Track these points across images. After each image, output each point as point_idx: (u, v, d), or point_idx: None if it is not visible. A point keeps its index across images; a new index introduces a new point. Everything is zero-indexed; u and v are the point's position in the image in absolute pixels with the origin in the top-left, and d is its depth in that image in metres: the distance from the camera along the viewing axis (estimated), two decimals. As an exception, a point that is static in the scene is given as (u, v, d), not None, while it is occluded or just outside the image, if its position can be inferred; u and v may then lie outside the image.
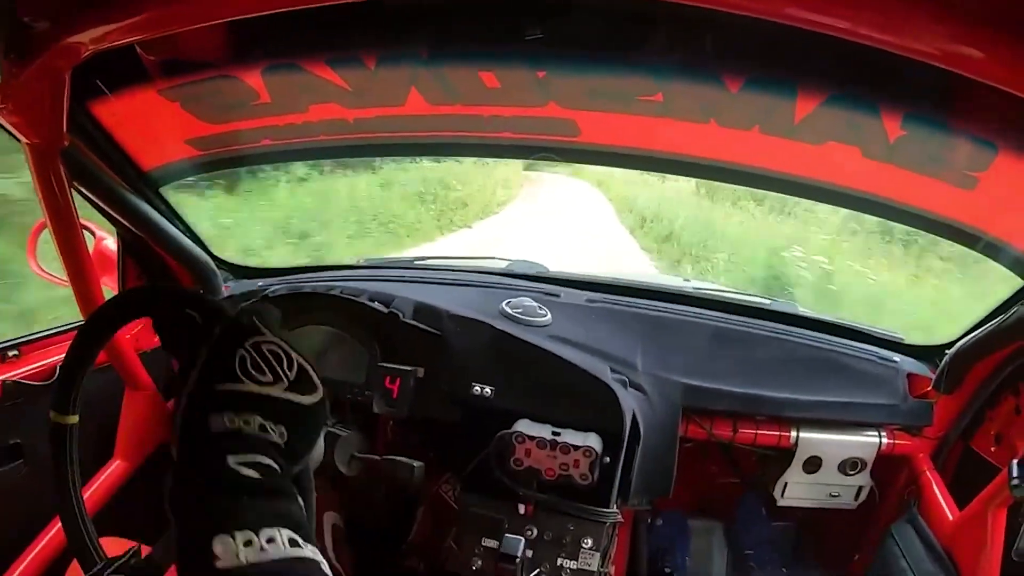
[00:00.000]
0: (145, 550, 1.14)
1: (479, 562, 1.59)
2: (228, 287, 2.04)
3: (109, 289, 1.74)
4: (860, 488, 1.91)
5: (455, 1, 1.36)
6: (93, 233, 1.85)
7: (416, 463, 1.56)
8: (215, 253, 2.01)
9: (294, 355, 0.83)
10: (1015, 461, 1.43)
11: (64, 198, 1.39)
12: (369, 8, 1.21)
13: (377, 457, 1.59)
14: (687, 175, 1.73)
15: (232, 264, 2.11)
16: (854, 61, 1.13)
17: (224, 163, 1.89)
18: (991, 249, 1.60)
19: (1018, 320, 1.51)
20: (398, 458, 1.57)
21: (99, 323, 1.12)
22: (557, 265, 2.32)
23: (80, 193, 1.54)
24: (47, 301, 3.78)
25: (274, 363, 0.81)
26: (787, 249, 9.25)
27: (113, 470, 1.77)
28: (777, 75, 1.35)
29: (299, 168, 8.62)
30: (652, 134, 1.58)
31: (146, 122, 1.64)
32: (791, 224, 10.78)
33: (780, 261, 9.08)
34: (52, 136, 1.28)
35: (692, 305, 2.06)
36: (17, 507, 1.57)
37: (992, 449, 1.75)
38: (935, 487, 1.81)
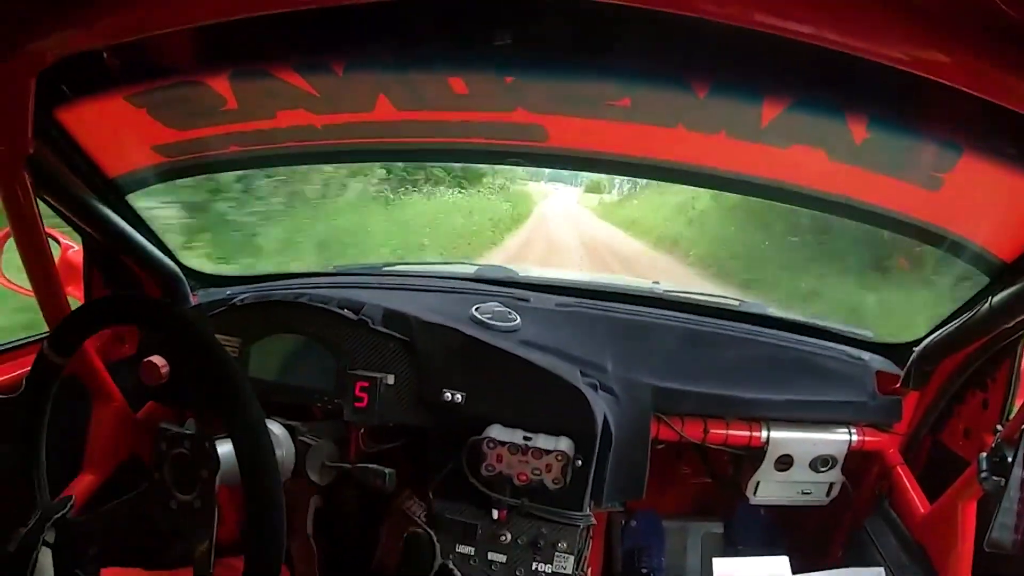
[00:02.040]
0: None
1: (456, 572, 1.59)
2: (196, 296, 2.01)
3: (76, 299, 1.72)
4: (832, 484, 1.93)
5: (423, 7, 1.35)
6: (59, 242, 1.83)
7: (388, 470, 1.56)
8: (183, 261, 1.98)
9: None
10: (983, 454, 1.45)
11: (29, 207, 1.37)
12: (338, 13, 1.20)
13: (349, 465, 1.58)
14: (654, 179, 1.74)
15: (200, 272, 2.08)
16: (820, 65, 1.13)
17: (191, 170, 1.87)
18: (955, 248, 1.62)
19: (984, 317, 1.53)
20: (370, 466, 1.57)
21: (66, 333, 1.11)
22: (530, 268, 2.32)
23: (45, 201, 1.52)
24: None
25: None
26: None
27: (81, 483, 1.74)
28: (744, 80, 1.36)
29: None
30: (620, 139, 1.59)
31: (112, 128, 1.61)
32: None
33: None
34: (17, 143, 1.26)
35: (662, 308, 2.06)
36: None
37: (961, 443, 1.78)
38: (906, 481, 1.83)
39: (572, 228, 16.86)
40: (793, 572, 1.74)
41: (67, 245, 1.86)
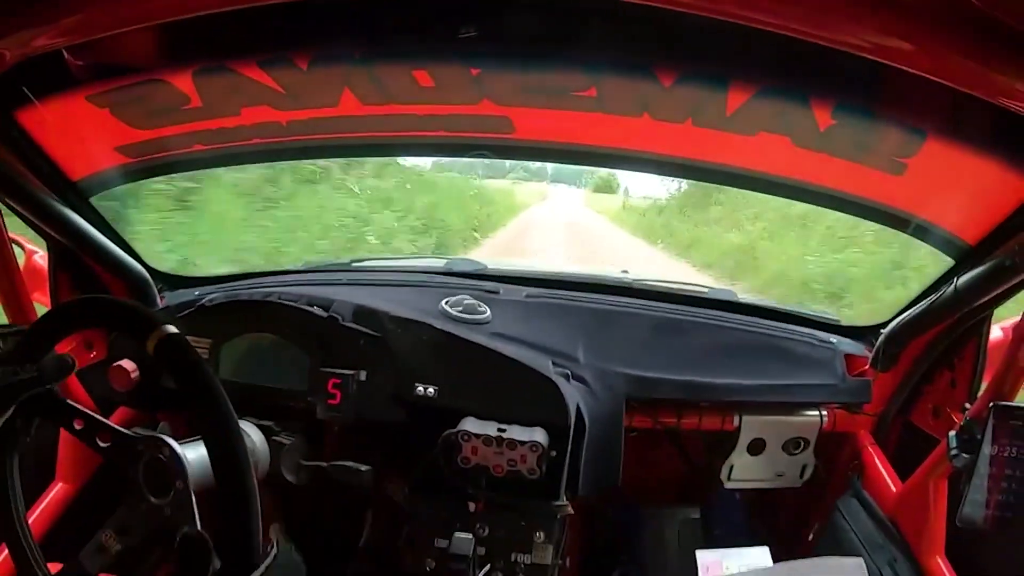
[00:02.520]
0: None
1: (432, 563, 1.59)
2: (164, 298, 1.99)
3: (42, 305, 1.69)
4: (805, 466, 1.96)
5: (387, 0, 1.35)
6: (23, 247, 1.80)
7: (364, 467, 1.56)
8: (148, 263, 1.96)
9: None
10: (952, 432, 1.48)
11: None
12: (301, 8, 1.19)
13: (324, 464, 1.58)
14: (621, 169, 1.75)
15: (167, 274, 2.05)
16: (786, 53, 1.15)
17: (155, 170, 1.83)
18: (921, 231, 1.65)
19: (950, 298, 1.55)
20: (346, 463, 1.57)
21: (34, 339, 1.10)
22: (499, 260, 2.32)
23: (7, 206, 1.50)
24: None
25: None
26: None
27: (55, 493, 1.73)
28: (709, 68, 1.36)
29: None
30: (587, 129, 1.59)
31: (74, 130, 1.58)
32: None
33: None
34: None
35: (632, 296, 2.07)
36: None
37: (931, 422, 1.81)
38: (877, 461, 1.87)
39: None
40: (771, 553, 1.76)
41: (31, 250, 1.83)
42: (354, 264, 2.30)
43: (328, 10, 1.31)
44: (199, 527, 1.02)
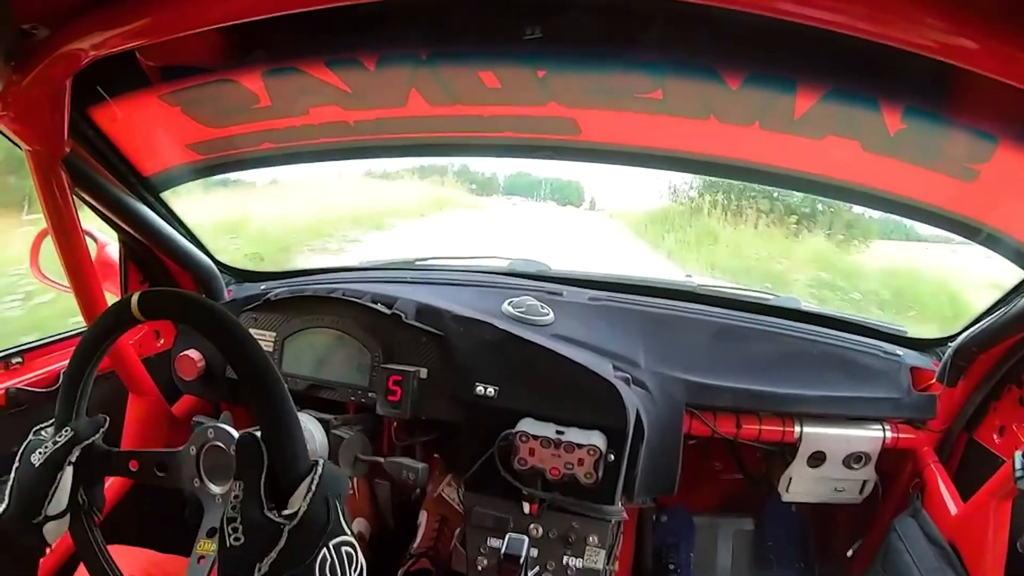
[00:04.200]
0: None
1: (484, 562, 1.59)
2: (231, 291, 2.04)
3: (112, 295, 1.74)
4: (865, 482, 1.91)
5: (453, 1, 1.36)
6: (95, 239, 1.85)
7: (420, 464, 1.56)
8: (217, 257, 2.01)
9: (359, 558, 0.92)
10: (1019, 452, 1.42)
11: (66, 205, 1.40)
12: (368, 9, 1.21)
13: (381, 459, 1.59)
14: (687, 172, 1.74)
15: (234, 268, 2.11)
16: (853, 55, 1.14)
17: (225, 167, 1.89)
18: (992, 241, 1.60)
19: (1020, 312, 1.51)
20: (402, 460, 1.57)
21: (103, 328, 1.12)
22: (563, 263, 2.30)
23: (82, 199, 1.55)
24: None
25: (347, 567, 0.90)
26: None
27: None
28: (776, 70, 1.35)
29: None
30: (652, 131, 1.58)
31: (147, 127, 1.64)
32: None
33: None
34: (53, 143, 1.28)
35: (694, 302, 2.05)
36: None
37: (996, 441, 1.75)
38: (939, 480, 1.81)
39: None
40: (823, 570, 1.73)
41: (103, 242, 1.89)
42: (418, 263, 2.32)
43: (395, 11, 1.32)
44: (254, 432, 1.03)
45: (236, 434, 1.13)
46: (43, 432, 1.13)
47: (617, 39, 1.36)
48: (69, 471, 1.08)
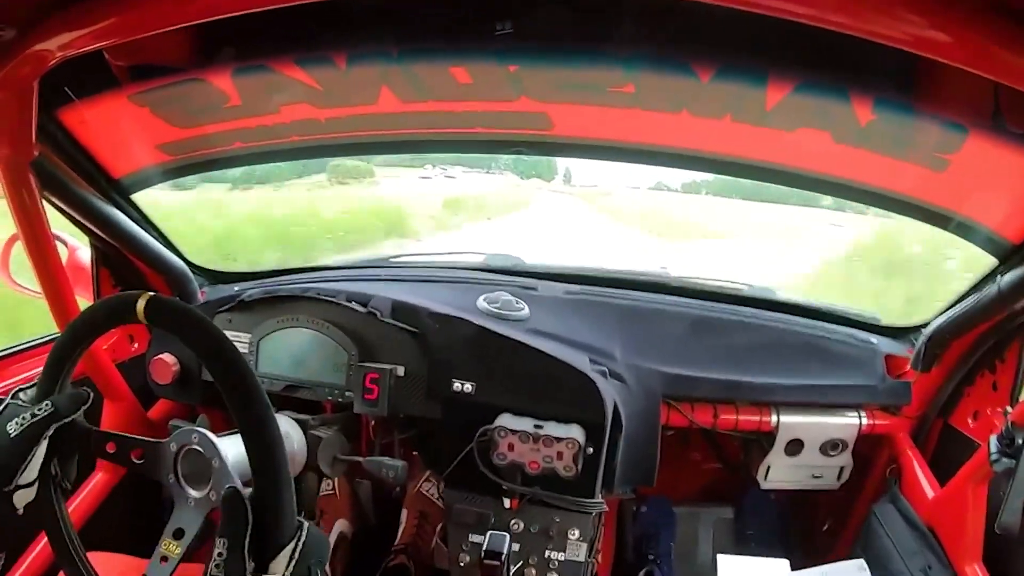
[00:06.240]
0: None
1: (467, 558, 1.60)
2: (204, 292, 2.02)
3: (85, 300, 1.72)
4: (842, 468, 1.94)
5: None
6: (66, 243, 1.83)
7: (399, 462, 1.56)
8: (189, 259, 1.99)
9: None
10: (994, 436, 1.44)
11: (35, 209, 1.38)
12: (338, 6, 1.20)
13: (360, 458, 1.58)
14: (660, 165, 1.73)
15: (207, 269, 2.09)
16: (824, 47, 1.14)
17: (195, 167, 1.86)
18: (963, 229, 1.62)
19: (992, 298, 1.53)
20: (381, 458, 1.57)
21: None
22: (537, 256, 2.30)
23: (51, 203, 1.52)
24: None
25: None
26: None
27: (96, 483, 1.75)
28: (748, 63, 1.35)
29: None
30: (624, 125, 1.58)
31: (116, 128, 1.62)
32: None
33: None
34: (21, 146, 1.27)
35: (670, 293, 2.06)
36: None
37: (971, 425, 1.77)
38: (916, 465, 1.83)
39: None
40: (803, 556, 1.74)
41: (74, 247, 1.86)
42: (392, 260, 2.31)
43: (365, 8, 1.32)
44: (239, 485, 1.03)
45: (219, 445, 1.13)
46: (21, 396, 1.13)
47: (588, 33, 1.35)
48: (45, 443, 1.08)
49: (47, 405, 1.09)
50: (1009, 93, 0.88)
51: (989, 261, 1.60)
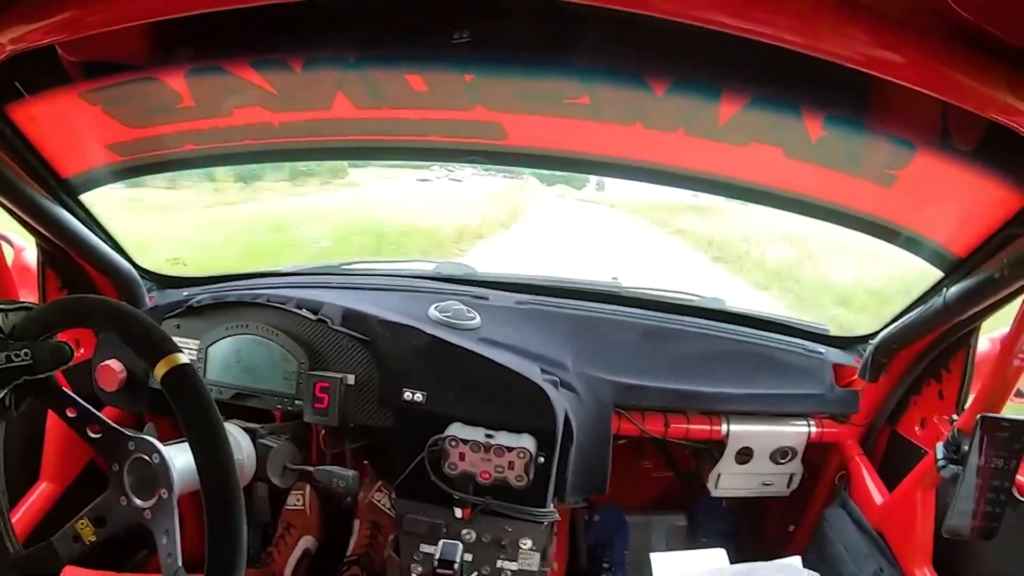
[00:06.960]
0: None
1: (419, 568, 1.60)
2: (152, 297, 1.98)
3: (31, 303, 1.68)
4: (792, 476, 1.97)
5: (381, 4, 1.34)
6: (11, 244, 1.79)
7: (350, 472, 1.55)
8: (138, 263, 1.95)
9: None
10: (940, 443, 1.50)
11: None
12: (295, 9, 1.19)
13: (310, 468, 1.57)
14: (613, 176, 1.74)
15: (155, 274, 2.05)
16: (777, 64, 1.15)
17: (146, 169, 1.82)
18: (910, 243, 1.65)
19: (938, 310, 1.56)
20: (332, 468, 1.56)
21: (34, 324, 1.10)
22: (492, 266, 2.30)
23: None
24: None
25: None
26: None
27: (40, 492, 1.72)
28: (702, 78, 1.37)
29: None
30: (579, 136, 1.58)
31: (66, 126, 1.58)
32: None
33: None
34: None
35: (621, 304, 2.07)
36: None
37: (918, 432, 1.82)
38: (864, 471, 1.88)
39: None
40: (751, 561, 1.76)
41: (20, 247, 1.82)
42: (343, 267, 2.29)
43: (322, 12, 1.30)
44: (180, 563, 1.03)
45: (174, 473, 1.13)
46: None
47: (545, 44, 1.35)
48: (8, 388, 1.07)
49: (26, 354, 1.07)
50: (956, 112, 0.90)
51: (934, 275, 1.64)
